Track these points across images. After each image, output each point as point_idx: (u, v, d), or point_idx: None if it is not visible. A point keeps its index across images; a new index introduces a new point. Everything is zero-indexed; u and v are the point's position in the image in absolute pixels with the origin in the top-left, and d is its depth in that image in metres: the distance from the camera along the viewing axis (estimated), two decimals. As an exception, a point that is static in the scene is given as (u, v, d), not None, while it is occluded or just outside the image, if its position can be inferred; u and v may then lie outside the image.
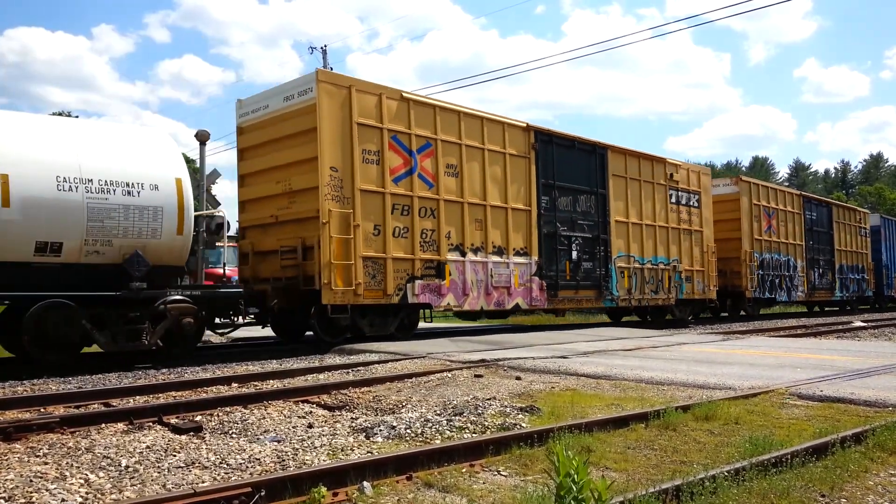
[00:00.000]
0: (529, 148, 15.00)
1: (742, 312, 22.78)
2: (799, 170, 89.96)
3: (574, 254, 15.89)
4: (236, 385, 7.78)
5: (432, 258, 12.94)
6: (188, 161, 16.36)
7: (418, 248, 12.69)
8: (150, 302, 9.69)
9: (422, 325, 14.06)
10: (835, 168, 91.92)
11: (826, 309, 29.11)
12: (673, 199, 18.80)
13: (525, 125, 15.09)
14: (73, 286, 9.18)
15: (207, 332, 13.96)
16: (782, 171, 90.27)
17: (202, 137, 13.14)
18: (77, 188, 9.09)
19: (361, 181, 11.91)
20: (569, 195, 15.94)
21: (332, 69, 32.46)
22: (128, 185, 9.48)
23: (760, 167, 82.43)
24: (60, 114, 52.44)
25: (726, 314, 22.87)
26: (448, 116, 13.45)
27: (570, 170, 15.96)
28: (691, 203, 19.45)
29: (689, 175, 19.57)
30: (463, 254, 13.47)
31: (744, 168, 79.19)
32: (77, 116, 52.83)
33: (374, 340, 12.02)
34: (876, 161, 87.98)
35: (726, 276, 21.34)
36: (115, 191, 9.36)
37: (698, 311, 21.16)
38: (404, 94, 12.88)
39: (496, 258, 14.10)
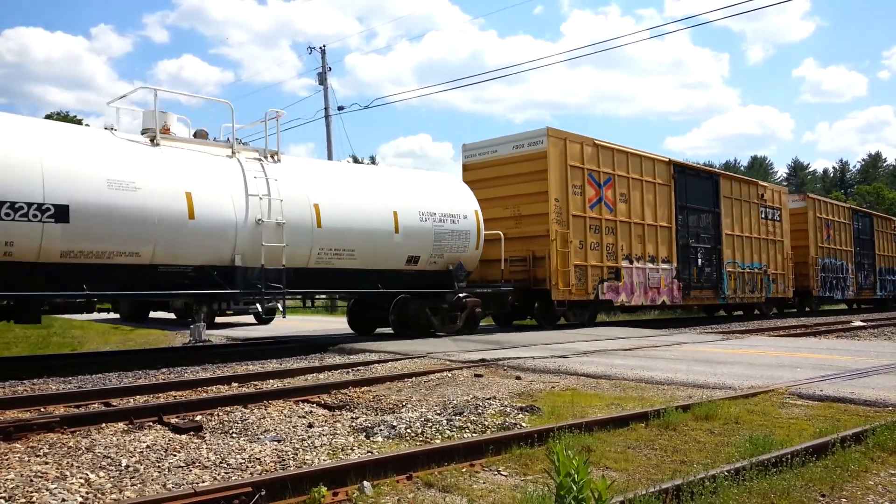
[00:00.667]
0: (670, 177, 19.11)
1: (807, 308, 27.30)
2: (798, 169, 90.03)
3: (699, 261, 20.03)
4: (236, 385, 7.78)
5: (612, 265, 17.08)
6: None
7: (605, 257, 16.83)
8: (459, 296, 13.80)
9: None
10: (833, 168, 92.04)
11: (864, 307, 32.53)
12: (763, 215, 22.85)
13: (667, 160, 19.40)
14: (421, 286, 13.34)
15: (207, 331, 14.01)
16: (781, 170, 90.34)
17: (202, 136, 13.28)
18: (428, 219, 13.32)
19: (572, 208, 16.07)
20: (694, 214, 20.00)
21: (330, 69, 32.52)
22: (453, 216, 13.82)
23: (759, 167, 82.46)
24: (59, 114, 52.42)
25: (795, 310, 27.07)
26: (620, 156, 17.57)
27: (695, 194, 19.99)
28: (775, 217, 23.50)
29: (773, 194, 23.86)
30: (630, 262, 17.56)
31: (742, 168, 79.19)
32: (78, 117, 52.72)
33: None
34: (874, 161, 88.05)
35: (796, 279, 25.00)
36: (447, 220, 13.67)
37: (780, 308, 25.38)
38: (596, 142, 17.07)
39: (650, 265, 18.22)
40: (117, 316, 21.51)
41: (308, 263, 11.54)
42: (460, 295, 13.75)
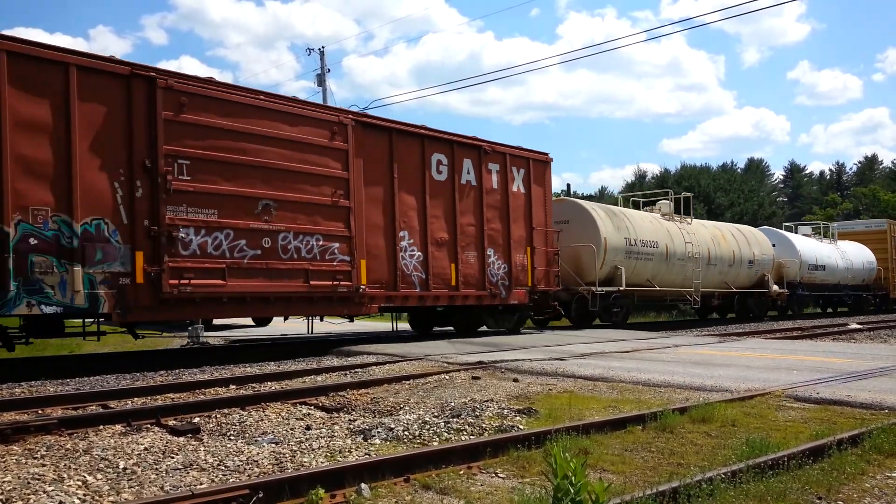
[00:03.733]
0: None
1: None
2: (794, 171, 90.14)
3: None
4: (234, 387, 7.78)
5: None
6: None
7: None
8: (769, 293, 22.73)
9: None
10: (830, 170, 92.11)
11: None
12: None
13: None
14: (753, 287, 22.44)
15: (205, 333, 14.01)
16: (777, 173, 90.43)
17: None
18: (752, 258, 22.80)
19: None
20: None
21: (329, 71, 32.51)
22: (761, 253, 23.65)
23: (756, 169, 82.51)
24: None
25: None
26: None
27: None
28: None
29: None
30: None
31: (739, 170, 79.28)
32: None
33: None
34: (871, 163, 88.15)
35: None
36: (757, 256, 23.00)
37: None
38: None
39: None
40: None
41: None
42: (768, 292, 23.09)
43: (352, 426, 5.60)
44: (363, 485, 3.88)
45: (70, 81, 8.71)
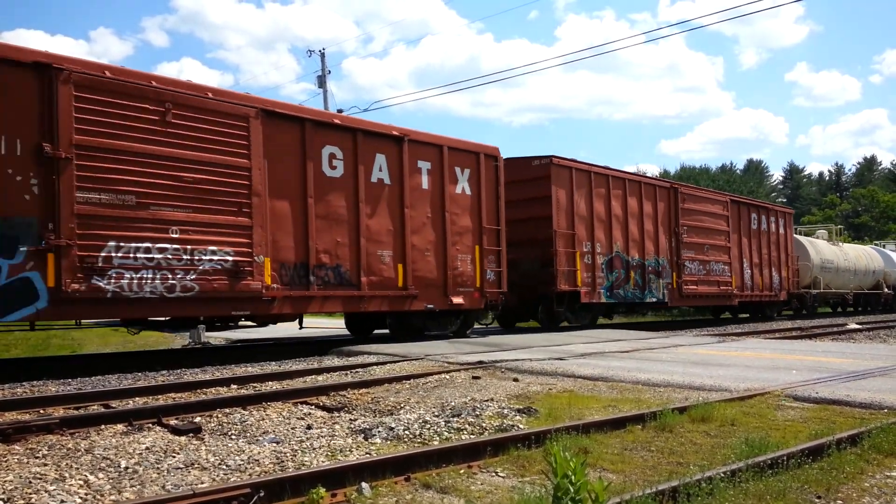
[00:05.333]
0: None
1: None
2: (793, 173, 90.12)
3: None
4: (235, 386, 7.79)
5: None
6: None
7: None
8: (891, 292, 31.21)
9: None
10: (829, 171, 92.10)
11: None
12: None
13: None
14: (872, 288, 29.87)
15: (208, 333, 14.02)
16: (776, 174, 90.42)
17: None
18: (877, 268, 30.57)
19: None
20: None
21: (329, 72, 32.52)
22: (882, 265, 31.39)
23: (755, 170, 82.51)
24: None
25: None
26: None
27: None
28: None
29: None
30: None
31: (738, 171, 79.27)
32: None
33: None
34: (870, 164, 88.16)
35: None
36: (878, 267, 31.01)
37: None
38: None
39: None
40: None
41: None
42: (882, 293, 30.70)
43: (352, 425, 5.61)
44: (364, 484, 3.89)
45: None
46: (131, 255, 9.10)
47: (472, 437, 5.13)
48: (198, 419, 5.90)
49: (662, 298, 18.03)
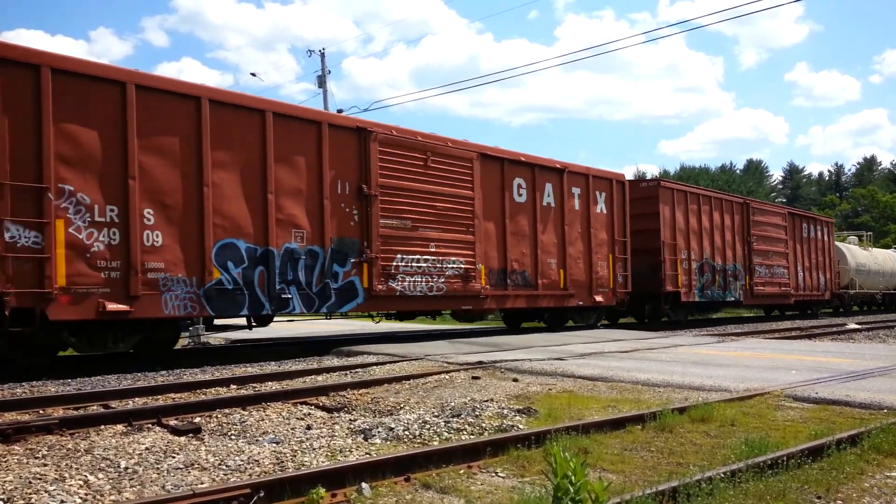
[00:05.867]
0: None
1: None
2: (793, 173, 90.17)
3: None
4: (235, 387, 7.79)
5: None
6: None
7: None
8: None
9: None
10: (828, 171, 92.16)
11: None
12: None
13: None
14: None
15: (206, 333, 14.01)
16: (776, 174, 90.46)
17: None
18: None
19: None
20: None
21: (329, 72, 32.56)
22: None
23: (755, 170, 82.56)
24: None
25: None
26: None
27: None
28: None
29: None
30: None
31: (738, 171, 79.32)
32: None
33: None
34: (869, 164, 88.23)
35: None
36: None
37: None
38: None
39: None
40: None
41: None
42: None
43: (352, 426, 5.61)
44: (364, 484, 3.89)
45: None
46: (409, 265, 12.44)
47: (471, 437, 5.13)
48: (197, 419, 5.90)
49: (738, 298, 21.27)
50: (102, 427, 5.60)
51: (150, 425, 5.69)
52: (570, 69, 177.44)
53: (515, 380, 8.07)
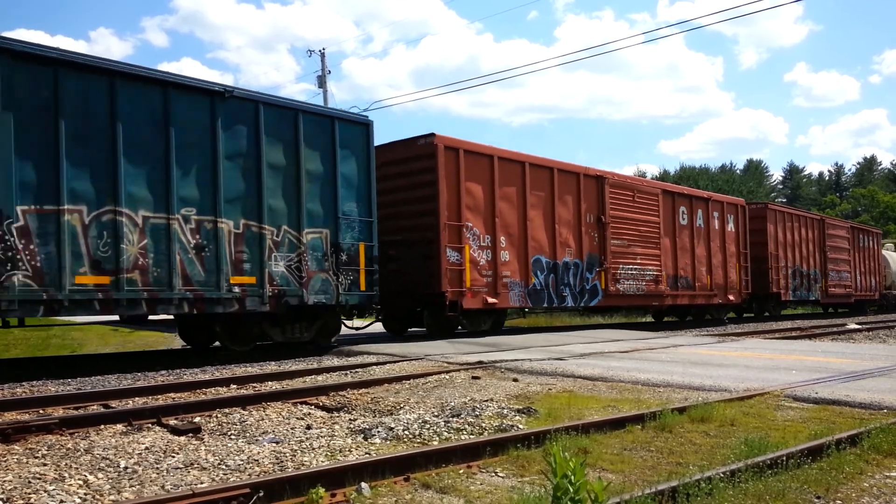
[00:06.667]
0: None
1: None
2: (793, 173, 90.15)
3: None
4: (235, 386, 7.79)
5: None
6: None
7: None
8: None
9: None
10: (829, 171, 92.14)
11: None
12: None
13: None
14: None
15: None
16: (776, 174, 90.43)
17: None
18: None
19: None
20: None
21: (330, 72, 32.60)
22: None
23: (755, 170, 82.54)
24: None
25: None
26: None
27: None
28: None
29: None
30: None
31: (738, 171, 79.29)
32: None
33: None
34: (870, 164, 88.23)
35: None
36: None
37: None
38: None
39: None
40: (117, 318, 21.46)
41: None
42: None
43: (352, 425, 5.61)
44: (363, 484, 3.89)
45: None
46: (626, 272, 17.37)
47: (471, 437, 5.13)
48: (197, 419, 5.90)
49: (817, 297, 26.38)
50: (102, 427, 5.60)
51: (149, 425, 5.69)
52: (569, 69, 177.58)
53: (515, 380, 8.07)
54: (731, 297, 21.05)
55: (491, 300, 13.87)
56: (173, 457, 4.62)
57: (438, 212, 13.05)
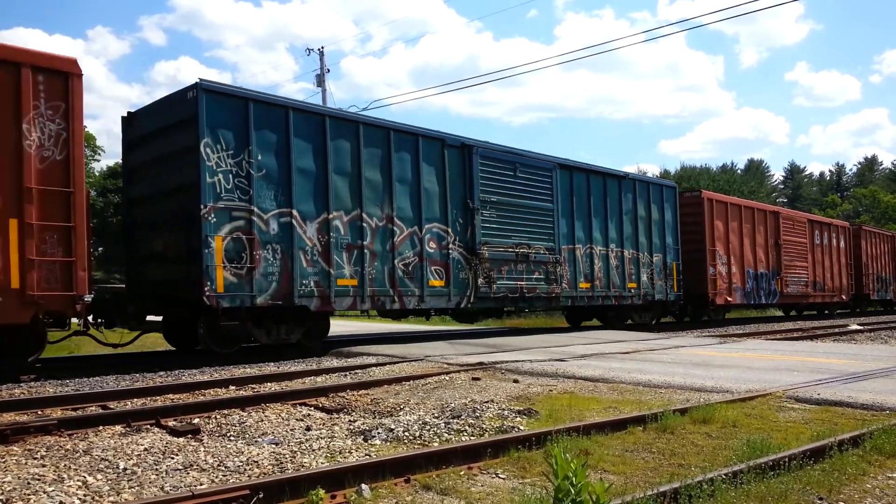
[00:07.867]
0: None
1: None
2: (794, 172, 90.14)
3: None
4: (234, 388, 7.77)
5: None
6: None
7: None
8: None
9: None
10: (830, 171, 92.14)
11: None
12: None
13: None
14: None
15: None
16: (777, 173, 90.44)
17: None
18: None
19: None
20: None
21: (329, 71, 32.64)
22: None
23: (755, 170, 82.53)
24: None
25: None
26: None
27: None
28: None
29: None
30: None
31: (739, 171, 79.29)
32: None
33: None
34: (870, 164, 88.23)
35: None
36: None
37: None
38: None
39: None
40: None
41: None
42: None
43: (352, 427, 5.59)
44: (364, 485, 3.87)
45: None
46: (791, 279, 23.64)
47: (472, 438, 5.11)
48: (196, 420, 5.88)
49: (886, 297, 31.88)
50: (101, 428, 5.58)
51: (148, 426, 5.67)
52: (570, 68, 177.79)
53: (516, 381, 8.05)
54: (844, 297, 28.16)
55: (729, 299, 20.56)
56: (172, 458, 4.60)
57: (705, 242, 19.70)
